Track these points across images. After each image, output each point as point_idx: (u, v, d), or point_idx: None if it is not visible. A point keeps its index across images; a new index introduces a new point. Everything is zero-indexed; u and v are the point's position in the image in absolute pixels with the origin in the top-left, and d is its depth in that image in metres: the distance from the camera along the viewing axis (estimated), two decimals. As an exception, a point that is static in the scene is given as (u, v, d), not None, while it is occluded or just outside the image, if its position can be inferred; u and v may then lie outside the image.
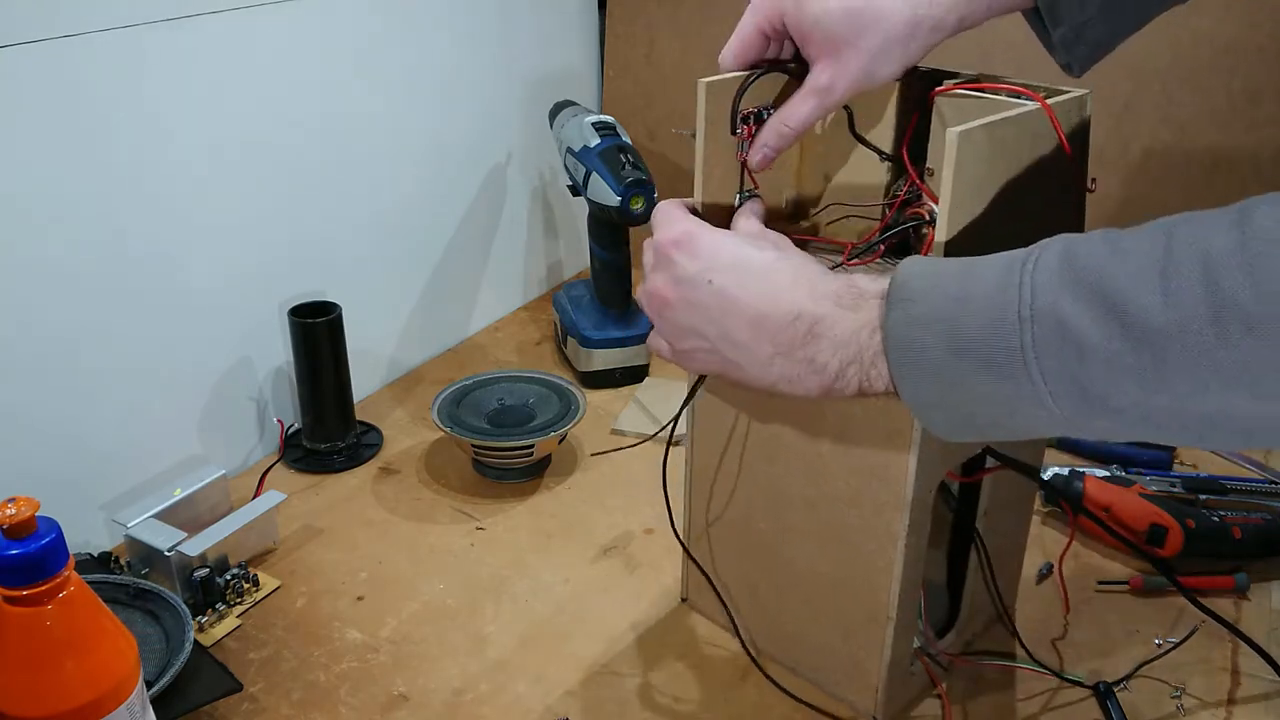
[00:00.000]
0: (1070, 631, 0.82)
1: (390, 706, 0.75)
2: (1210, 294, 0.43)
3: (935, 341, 0.50)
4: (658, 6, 1.38)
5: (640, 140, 1.42)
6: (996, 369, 0.48)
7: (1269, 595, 0.86)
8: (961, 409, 0.51)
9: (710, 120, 0.65)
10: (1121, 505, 0.89)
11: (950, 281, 0.51)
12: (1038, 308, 0.47)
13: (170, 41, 0.87)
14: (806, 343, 0.56)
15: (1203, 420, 0.46)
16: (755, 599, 0.78)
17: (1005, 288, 0.48)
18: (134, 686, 0.58)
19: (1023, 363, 0.48)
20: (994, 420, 0.51)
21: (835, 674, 0.74)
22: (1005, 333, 0.48)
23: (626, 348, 1.18)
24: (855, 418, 0.64)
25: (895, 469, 0.64)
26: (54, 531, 0.54)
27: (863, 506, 0.67)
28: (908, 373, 0.52)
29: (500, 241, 1.33)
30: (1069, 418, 0.48)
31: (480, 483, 1.01)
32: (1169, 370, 0.44)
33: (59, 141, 0.80)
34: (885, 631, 0.69)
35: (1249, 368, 0.42)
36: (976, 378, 0.49)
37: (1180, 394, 0.45)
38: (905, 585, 0.67)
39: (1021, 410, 0.49)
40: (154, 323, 0.91)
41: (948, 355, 0.50)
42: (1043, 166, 0.62)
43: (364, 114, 1.09)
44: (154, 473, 0.94)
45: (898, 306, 0.52)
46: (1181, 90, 1.10)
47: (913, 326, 0.51)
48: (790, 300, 0.56)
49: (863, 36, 0.61)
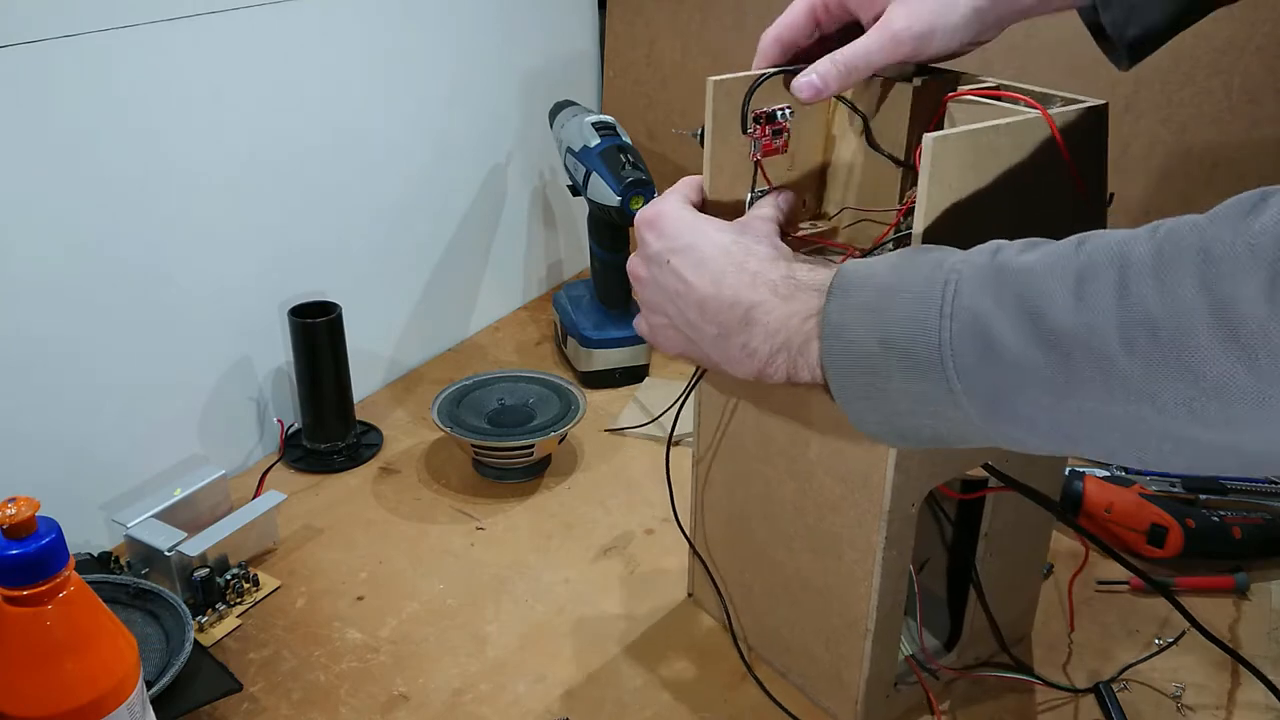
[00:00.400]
0: (1070, 633, 0.82)
1: (390, 706, 0.75)
2: (1121, 300, 0.42)
3: (865, 333, 0.51)
4: (658, 6, 1.38)
5: (640, 140, 1.42)
6: (917, 364, 0.49)
7: (1269, 595, 0.86)
8: (885, 404, 0.52)
9: (718, 119, 0.65)
10: (1121, 505, 0.89)
11: (885, 274, 0.51)
12: (959, 305, 0.47)
13: (171, 42, 0.87)
14: (742, 328, 0.57)
15: (1111, 433, 0.45)
16: (750, 600, 0.78)
17: (933, 283, 0.49)
18: (134, 686, 0.58)
19: (939, 360, 0.48)
20: (917, 420, 0.51)
21: (819, 682, 0.74)
22: (926, 328, 0.48)
23: (626, 348, 1.18)
24: (843, 422, 0.64)
25: (876, 478, 0.63)
26: (54, 531, 0.54)
27: (846, 514, 0.66)
28: (836, 359, 0.52)
29: (500, 241, 1.33)
30: (983, 422, 0.48)
31: (480, 483, 1.01)
32: (1076, 376, 0.44)
33: (59, 142, 0.80)
34: (864, 643, 0.68)
35: (1151, 377, 0.42)
36: (899, 372, 0.50)
37: (1087, 402, 0.44)
38: (885, 598, 0.66)
39: (942, 413, 0.50)
40: (154, 323, 0.91)
41: (876, 345, 0.50)
42: (1044, 176, 0.61)
43: (364, 114, 1.09)
44: (154, 473, 0.94)
45: (835, 296, 0.53)
46: (1182, 90, 1.10)
47: (847, 314, 0.52)
48: (731, 286, 0.58)
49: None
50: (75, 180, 0.82)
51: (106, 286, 0.86)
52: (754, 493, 0.74)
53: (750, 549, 0.76)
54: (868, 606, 0.67)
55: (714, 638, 0.81)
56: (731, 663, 0.79)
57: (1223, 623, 0.83)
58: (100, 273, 0.86)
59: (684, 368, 1.23)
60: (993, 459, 0.68)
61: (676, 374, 1.22)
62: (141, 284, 0.89)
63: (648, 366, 1.21)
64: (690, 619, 0.83)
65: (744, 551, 0.77)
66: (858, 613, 0.68)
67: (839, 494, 0.66)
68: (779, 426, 0.69)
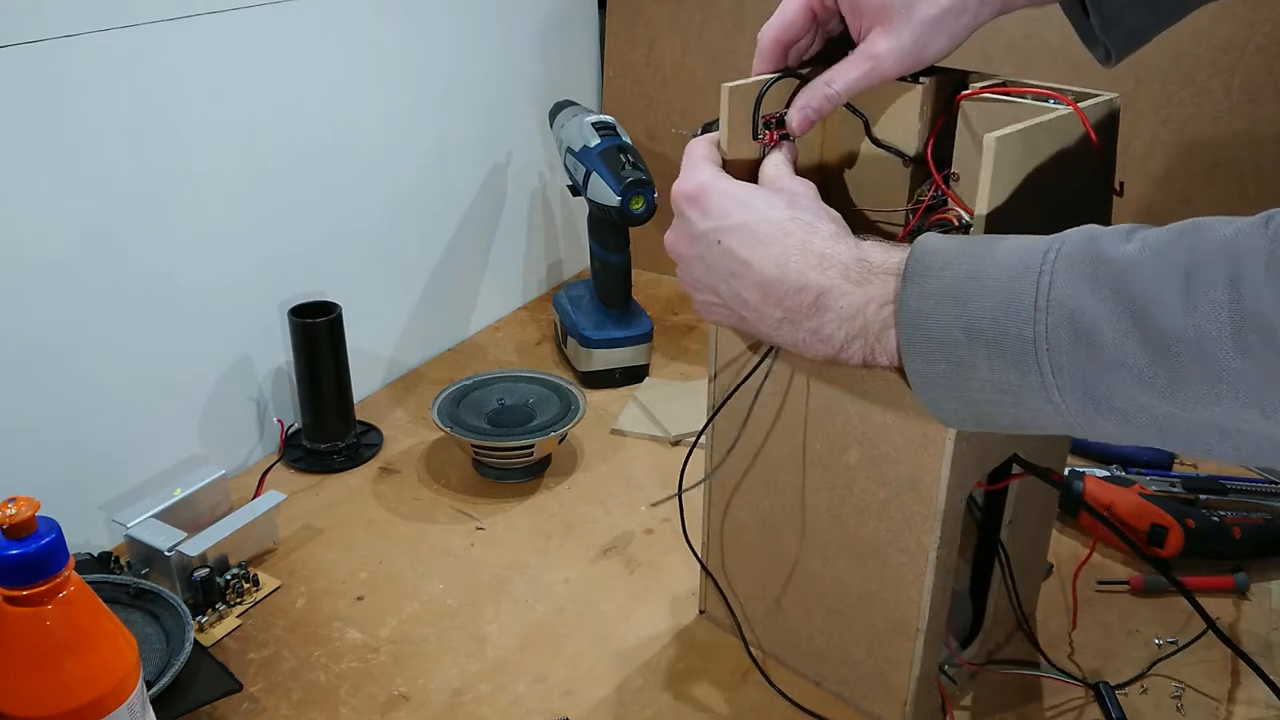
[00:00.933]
0: (1071, 632, 0.82)
1: (390, 706, 0.75)
2: (1234, 303, 0.41)
3: (948, 319, 0.49)
4: (658, 6, 1.38)
5: (640, 140, 1.42)
6: (1006, 355, 0.47)
7: (1269, 595, 0.86)
8: (966, 392, 0.50)
9: (733, 126, 0.65)
10: (1122, 505, 0.89)
11: (969, 260, 0.50)
12: (1054, 298, 0.46)
13: (171, 42, 0.87)
14: (812, 314, 0.55)
15: (1211, 432, 0.44)
16: (777, 613, 0.77)
17: (1024, 274, 0.47)
18: (134, 686, 0.58)
19: (1033, 353, 0.46)
20: (997, 409, 0.50)
21: (860, 687, 0.73)
22: (1019, 320, 0.47)
23: (626, 348, 1.18)
24: (887, 428, 0.64)
25: (927, 479, 0.63)
26: (54, 531, 0.54)
27: (891, 519, 0.66)
28: (917, 349, 0.51)
29: (500, 241, 1.33)
30: (1073, 415, 0.47)
31: (480, 483, 1.01)
32: (1182, 378, 0.43)
33: (59, 143, 0.80)
34: (915, 644, 0.68)
35: (1264, 382, 0.41)
36: (985, 361, 0.48)
37: (1191, 403, 0.43)
38: (935, 597, 0.66)
39: (1026, 402, 0.48)
40: (154, 323, 0.91)
41: (959, 334, 0.49)
42: (1072, 170, 0.61)
43: (364, 114, 1.09)
44: (154, 473, 0.94)
45: (913, 281, 0.51)
46: (1182, 90, 1.10)
47: (926, 301, 0.50)
48: (798, 269, 0.56)
49: (916, 6, 0.59)
50: (74, 180, 0.82)
51: (106, 286, 0.86)
52: (782, 504, 0.73)
53: (778, 561, 0.75)
54: (919, 608, 0.67)
55: (714, 638, 0.81)
56: (732, 663, 0.79)
57: (1223, 623, 0.83)
58: (100, 272, 0.86)
59: (684, 368, 1.23)
60: (1022, 449, 0.68)
61: (676, 374, 1.22)
62: (142, 284, 0.89)
63: (648, 366, 1.21)
64: (691, 619, 0.83)
65: (770, 564, 0.76)
66: (906, 614, 0.68)
67: (883, 498, 0.66)
68: (813, 435, 0.69)
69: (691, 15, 1.35)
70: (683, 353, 1.27)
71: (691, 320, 1.35)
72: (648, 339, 1.19)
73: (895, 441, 0.64)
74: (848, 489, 0.68)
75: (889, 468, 0.65)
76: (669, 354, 1.26)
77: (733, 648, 0.80)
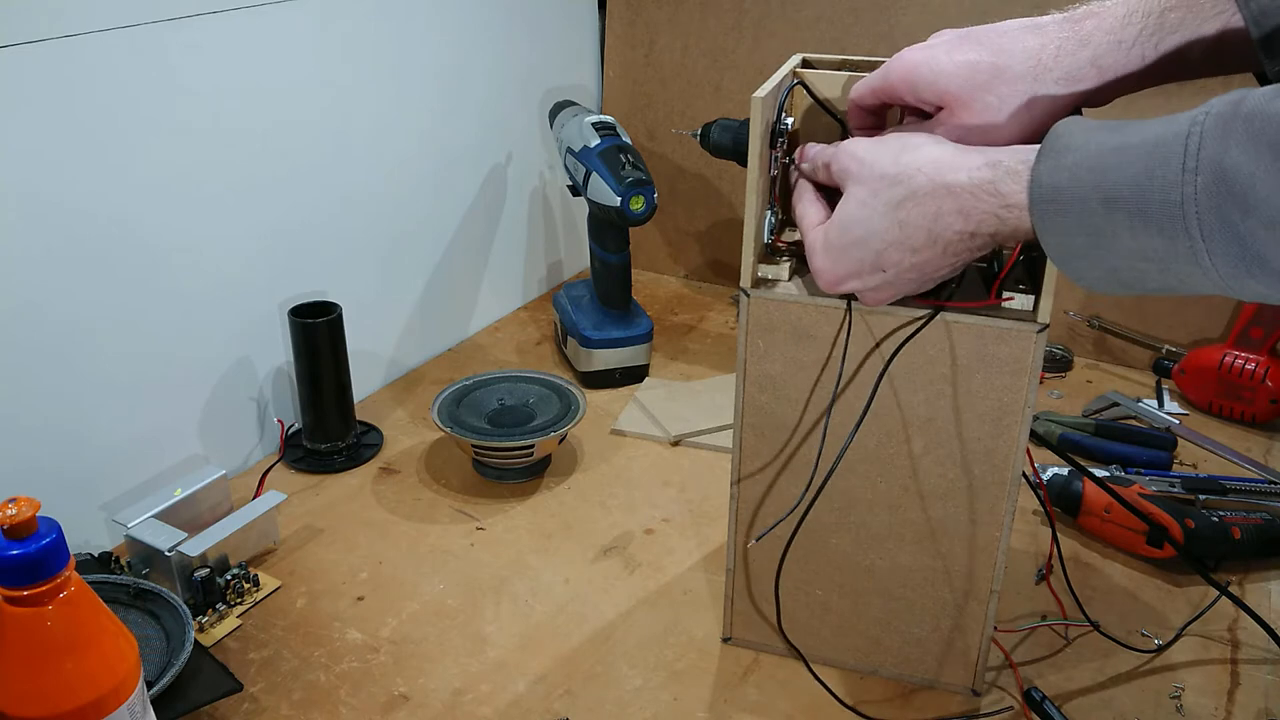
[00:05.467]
0: (1069, 631, 0.82)
1: (390, 706, 0.75)
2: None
3: (1086, 191, 0.48)
4: (658, 6, 1.38)
5: (640, 140, 1.42)
6: (1151, 222, 0.46)
7: (1269, 595, 0.86)
8: (1106, 262, 0.49)
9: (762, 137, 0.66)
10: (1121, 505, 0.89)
11: (1108, 134, 0.49)
12: (1204, 158, 0.44)
13: (171, 42, 0.87)
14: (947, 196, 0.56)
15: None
16: (826, 614, 0.77)
17: (1170, 140, 0.46)
18: (134, 687, 0.58)
19: (1180, 216, 0.45)
20: (1143, 275, 0.49)
21: (926, 662, 0.76)
22: (1165, 185, 0.45)
23: (626, 348, 1.18)
24: (957, 409, 0.67)
25: (1003, 450, 0.67)
26: (54, 532, 0.54)
27: (958, 497, 0.69)
28: (1052, 224, 0.50)
29: (500, 241, 1.34)
30: (1225, 279, 0.46)
31: (480, 483, 1.01)
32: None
33: (59, 143, 0.80)
34: (988, 606, 0.72)
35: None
36: (1127, 231, 0.47)
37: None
38: (1005, 557, 0.70)
39: (1173, 268, 0.47)
40: (154, 323, 0.91)
41: (1098, 205, 0.48)
42: None
43: (364, 114, 1.09)
44: (154, 473, 0.94)
45: (1048, 157, 0.50)
46: (1182, 90, 1.09)
47: (1061, 174, 0.50)
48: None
49: (976, 96, 0.59)
50: (74, 181, 0.82)
51: (106, 287, 0.86)
52: (830, 506, 0.73)
53: (827, 563, 0.75)
54: (994, 571, 0.71)
55: (714, 638, 0.81)
56: (731, 663, 0.79)
57: (1222, 622, 0.83)
58: (100, 273, 0.86)
59: (684, 368, 1.23)
60: None
61: (677, 374, 1.22)
62: (142, 284, 0.89)
63: (648, 366, 1.21)
64: (691, 619, 0.84)
65: (816, 567, 0.75)
66: (980, 579, 0.71)
67: (951, 478, 0.69)
68: (867, 433, 0.69)
69: (691, 15, 1.35)
70: (683, 353, 1.27)
71: (691, 320, 1.36)
72: (648, 339, 1.19)
73: (967, 420, 0.66)
74: (910, 477, 0.70)
75: (961, 447, 0.67)
76: (669, 354, 1.26)
77: (733, 648, 0.80)
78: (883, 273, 0.60)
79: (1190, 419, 1.11)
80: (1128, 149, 0.47)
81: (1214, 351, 1.11)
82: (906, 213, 0.57)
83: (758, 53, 1.31)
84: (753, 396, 0.71)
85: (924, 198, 0.56)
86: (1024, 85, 0.58)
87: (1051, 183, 0.50)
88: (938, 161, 0.56)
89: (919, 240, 0.57)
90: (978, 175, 0.54)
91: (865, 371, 0.68)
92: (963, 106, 0.59)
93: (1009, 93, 0.58)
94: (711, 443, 1.07)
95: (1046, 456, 1.01)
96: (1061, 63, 0.57)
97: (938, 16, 1.20)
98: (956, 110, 0.60)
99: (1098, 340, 1.24)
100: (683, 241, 1.47)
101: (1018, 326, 0.63)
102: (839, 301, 0.66)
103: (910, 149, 0.58)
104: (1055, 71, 0.58)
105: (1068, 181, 0.49)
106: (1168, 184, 0.45)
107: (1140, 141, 0.47)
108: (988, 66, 0.58)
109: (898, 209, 0.57)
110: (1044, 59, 0.58)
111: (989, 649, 0.74)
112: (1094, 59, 0.57)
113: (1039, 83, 0.58)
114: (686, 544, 0.92)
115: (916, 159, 0.57)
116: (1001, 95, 0.58)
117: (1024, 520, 0.95)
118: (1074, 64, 0.57)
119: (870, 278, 0.61)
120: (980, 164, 0.54)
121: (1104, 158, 0.48)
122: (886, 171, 0.58)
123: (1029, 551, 0.91)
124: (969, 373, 0.65)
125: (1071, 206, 0.49)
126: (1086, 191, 0.49)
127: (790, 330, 0.68)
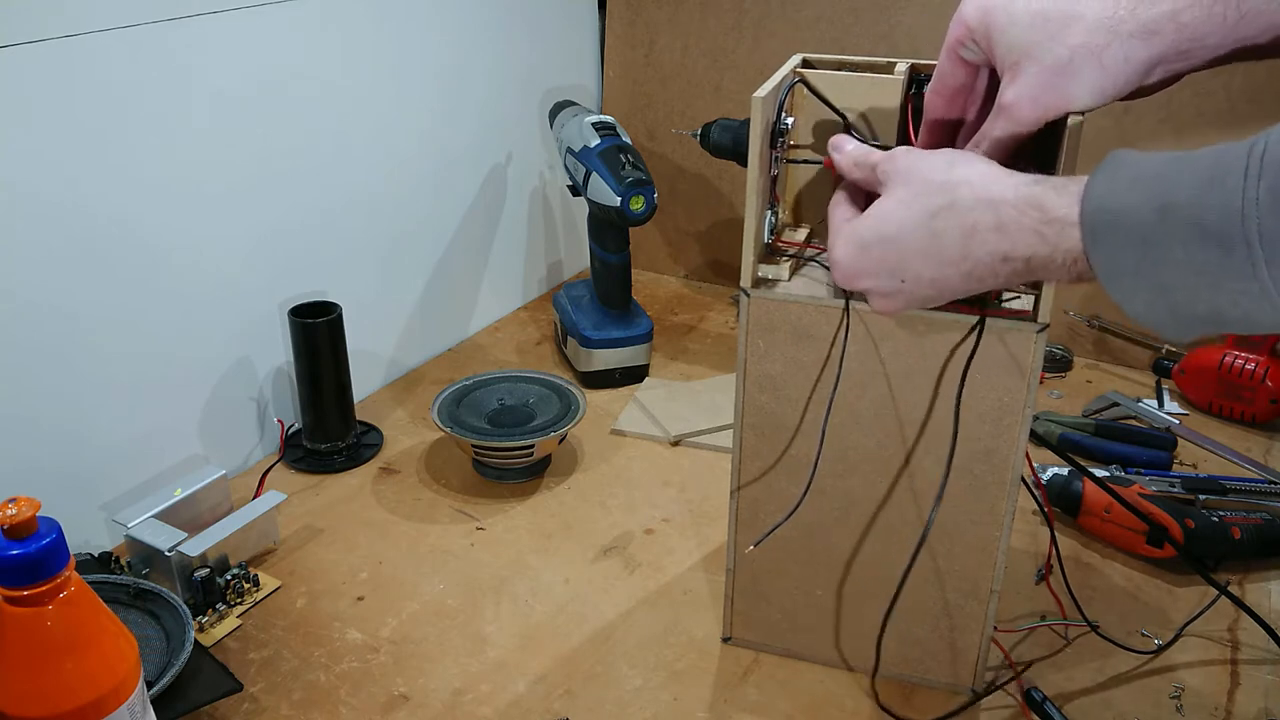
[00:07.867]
0: (1069, 631, 0.82)
1: (390, 706, 0.75)
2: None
3: (1141, 201, 0.47)
4: (658, 6, 1.38)
5: (640, 140, 1.42)
6: (1208, 231, 0.44)
7: (1269, 595, 0.86)
8: (1155, 277, 0.47)
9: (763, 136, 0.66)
10: (1121, 505, 0.89)
11: (1168, 155, 0.47)
12: (1269, 160, 0.42)
13: (171, 42, 0.87)
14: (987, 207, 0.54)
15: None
16: (827, 615, 0.77)
17: (1236, 149, 0.44)
18: (134, 687, 0.58)
19: (1240, 222, 0.43)
20: (1193, 294, 0.46)
21: (926, 661, 0.76)
22: (1224, 190, 0.43)
23: (626, 348, 1.18)
24: (958, 408, 0.67)
25: (1004, 450, 0.67)
26: (54, 532, 0.54)
27: (960, 497, 0.69)
28: (1103, 238, 0.49)
29: (500, 241, 1.34)
30: (1278, 291, 0.44)
31: (480, 483, 1.01)
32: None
33: (59, 143, 0.80)
34: (988, 605, 0.72)
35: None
36: (1180, 242, 0.46)
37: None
38: (1005, 556, 0.70)
39: (1226, 284, 0.45)
40: (154, 323, 0.91)
41: (1151, 214, 0.46)
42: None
43: (364, 114, 1.09)
44: (154, 473, 0.94)
45: (1105, 171, 0.49)
46: (1182, 90, 1.09)
47: (1119, 183, 0.48)
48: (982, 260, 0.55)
49: (1045, 45, 0.56)
50: (74, 181, 0.82)
51: (107, 287, 0.86)
52: (831, 507, 0.73)
53: (828, 563, 0.75)
54: (994, 570, 0.71)
55: (714, 638, 0.81)
56: (731, 663, 0.79)
57: (1222, 622, 0.83)
58: (100, 273, 0.86)
59: (684, 368, 1.23)
60: None
61: (677, 374, 1.22)
62: (142, 284, 0.89)
63: (648, 366, 1.21)
64: (691, 619, 0.84)
65: (816, 567, 0.75)
66: (980, 579, 0.72)
67: (952, 479, 0.68)
68: (868, 433, 0.69)
69: (691, 15, 1.35)
70: (683, 353, 1.27)
71: (691, 320, 1.36)
72: (648, 339, 1.19)
73: (967, 420, 0.66)
74: (913, 478, 0.70)
75: (963, 446, 0.67)
76: (669, 354, 1.26)
77: (733, 648, 0.80)
78: (900, 282, 0.59)
79: (1190, 419, 1.11)
80: (1189, 159, 0.46)
81: (1214, 351, 1.11)
82: (943, 223, 0.56)
83: (758, 53, 1.31)
84: (753, 396, 0.71)
85: (964, 211, 0.55)
86: (1097, 37, 0.55)
87: (1108, 191, 0.49)
88: (986, 175, 0.55)
89: (949, 254, 0.56)
90: (1024, 190, 0.53)
91: (865, 371, 0.68)
92: (1031, 59, 0.57)
93: (1080, 44, 0.55)
94: (711, 443, 1.07)
95: (1046, 456, 1.01)
96: (1138, 14, 0.54)
97: (938, 16, 1.20)
98: (1024, 64, 0.57)
99: (1098, 340, 1.24)
100: (683, 241, 1.47)
101: (1018, 326, 0.63)
102: (839, 301, 0.66)
103: (963, 162, 0.57)
104: (1130, 24, 0.54)
105: (1125, 190, 0.48)
106: (1228, 190, 0.43)
107: (1203, 154, 0.46)
108: (1059, 14, 0.56)
109: (935, 218, 0.56)
110: (1120, 9, 0.55)
111: (989, 649, 0.74)
112: (1174, 12, 0.54)
113: (1114, 35, 0.55)
114: (686, 544, 0.92)
115: (967, 172, 0.56)
116: (1072, 47, 0.56)
117: (1024, 520, 0.95)
118: (1152, 16, 0.54)
119: (887, 281, 0.59)
120: (1028, 179, 0.53)
121: (1164, 167, 0.47)
122: (933, 178, 0.57)
123: (1029, 551, 0.91)
124: (969, 373, 0.65)
125: (1124, 217, 0.48)
126: (1141, 201, 0.47)
127: (790, 330, 0.68)
